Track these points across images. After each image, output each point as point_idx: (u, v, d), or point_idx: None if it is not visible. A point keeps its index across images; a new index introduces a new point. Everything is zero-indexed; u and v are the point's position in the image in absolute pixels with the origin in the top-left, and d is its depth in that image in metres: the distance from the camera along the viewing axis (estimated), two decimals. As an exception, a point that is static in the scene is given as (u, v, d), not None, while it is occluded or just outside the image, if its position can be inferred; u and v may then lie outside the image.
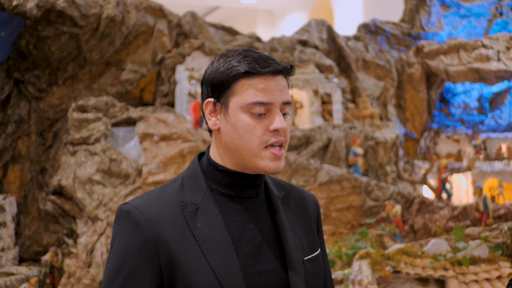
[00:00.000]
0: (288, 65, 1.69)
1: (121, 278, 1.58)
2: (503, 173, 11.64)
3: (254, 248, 1.66)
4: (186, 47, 10.86)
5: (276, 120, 1.65)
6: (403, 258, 6.45)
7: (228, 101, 1.66)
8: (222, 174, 1.70)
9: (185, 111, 10.08)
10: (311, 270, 1.75)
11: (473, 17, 13.85)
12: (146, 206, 1.63)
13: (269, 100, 1.64)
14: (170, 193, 1.68)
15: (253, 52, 1.69)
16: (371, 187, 9.53)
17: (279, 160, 1.67)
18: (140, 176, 8.65)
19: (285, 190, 1.84)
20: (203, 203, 1.65)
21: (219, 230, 1.62)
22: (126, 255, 1.59)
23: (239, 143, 1.66)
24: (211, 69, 1.70)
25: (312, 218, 1.86)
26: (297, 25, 15.18)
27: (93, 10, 9.97)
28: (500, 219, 8.48)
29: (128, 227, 1.61)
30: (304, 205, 1.86)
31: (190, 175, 1.72)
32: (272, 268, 1.66)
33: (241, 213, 1.69)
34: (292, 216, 1.79)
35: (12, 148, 10.08)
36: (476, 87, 13.32)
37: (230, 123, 1.66)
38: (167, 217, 1.62)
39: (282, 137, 1.67)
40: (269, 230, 1.71)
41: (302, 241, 1.77)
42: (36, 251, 9.51)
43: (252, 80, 1.64)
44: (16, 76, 10.07)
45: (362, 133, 10.53)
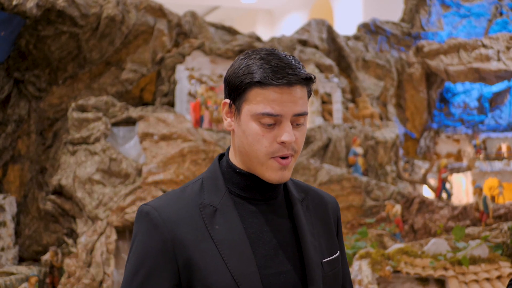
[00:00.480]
0: (307, 75, 1.65)
1: (139, 278, 1.61)
2: (503, 173, 11.64)
3: (271, 250, 1.66)
4: (186, 46, 10.86)
5: (284, 132, 1.63)
6: (403, 258, 6.45)
7: (241, 106, 1.66)
8: (239, 177, 1.71)
9: (185, 111, 10.08)
10: (329, 272, 1.75)
11: (473, 17, 13.85)
12: (165, 208, 1.65)
13: (279, 112, 1.62)
14: (190, 194, 1.69)
15: (275, 57, 1.65)
16: (371, 187, 9.52)
17: (285, 170, 1.66)
18: (140, 175, 8.65)
19: (305, 192, 1.84)
20: (222, 204, 1.66)
21: (237, 232, 1.63)
22: (144, 255, 1.62)
23: (248, 149, 1.66)
24: (232, 69, 1.70)
25: (332, 220, 1.86)
26: (297, 24, 15.18)
27: (93, 9, 9.97)
28: (500, 218, 8.47)
29: (147, 228, 1.63)
30: (324, 207, 1.86)
31: (210, 176, 1.73)
32: (289, 269, 1.67)
33: (259, 215, 1.69)
34: (311, 218, 1.79)
35: (12, 148, 10.07)
36: (476, 87, 13.31)
37: (241, 128, 1.66)
38: (186, 219, 1.63)
39: (290, 150, 1.65)
40: (287, 231, 1.71)
41: (321, 244, 1.76)
42: (36, 250, 9.51)
43: (265, 90, 1.62)
44: (16, 76, 10.07)
45: (362, 132, 10.53)
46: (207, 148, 8.89)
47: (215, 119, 9.98)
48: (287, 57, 1.66)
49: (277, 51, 1.69)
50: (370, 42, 13.21)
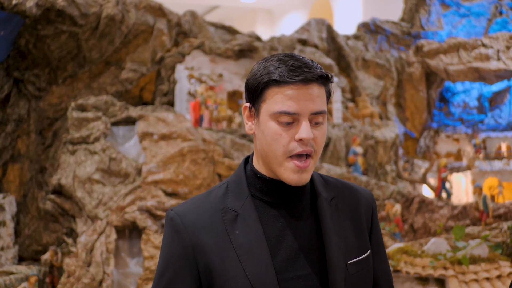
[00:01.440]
0: (323, 73, 1.65)
1: (164, 281, 1.68)
2: (503, 172, 11.64)
3: (293, 253, 1.66)
4: (186, 46, 10.85)
5: (302, 129, 1.62)
6: (403, 257, 6.45)
7: (259, 107, 1.67)
8: (261, 182, 1.72)
9: (185, 110, 10.07)
10: (355, 274, 1.73)
11: (473, 16, 13.84)
12: (187, 213, 1.70)
13: (296, 110, 1.62)
14: (214, 198, 1.73)
15: (292, 58, 1.66)
16: (371, 186, 9.52)
17: (303, 172, 1.65)
18: (140, 175, 8.64)
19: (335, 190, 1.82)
20: (243, 209, 1.68)
21: (256, 236, 1.64)
22: (168, 260, 1.69)
23: (267, 150, 1.66)
24: (251, 73, 1.71)
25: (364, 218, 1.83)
26: (297, 24, 15.17)
27: (92, 9, 9.97)
28: (500, 218, 8.47)
29: (171, 233, 1.70)
30: (356, 205, 1.83)
31: (234, 180, 1.75)
32: (309, 273, 1.66)
33: (281, 218, 1.69)
34: (340, 218, 1.77)
35: (11, 147, 10.07)
36: (476, 86, 13.31)
37: (260, 129, 1.67)
38: (207, 224, 1.67)
39: (309, 146, 1.64)
40: (311, 234, 1.71)
41: (348, 244, 1.74)
42: (36, 250, 9.51)
43: (281, 89, 1.63)
44: (15, 75, 10.06)
45: (362, 132, 10.53)
46: (207, 147, 8.89)
47: (214, 118, 9.98)
48: (304, 59, 1.67)
49: (296, 54, 1.69)
50: (370, 42, 13.20)
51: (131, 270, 8.23)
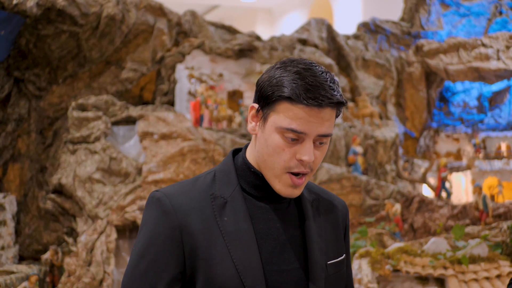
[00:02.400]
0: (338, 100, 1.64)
1: (145, 262, 1.62)
2: (503, 172, 11.65)
3: (278, 247, 1.68)
4: (186, 46, 10.86)
5: (305, 151, 1.64)
6: (403, 257, 6.46)
7: (268, 115, 1.67)
8: (253, 176, 1.72)
9: (185, 110, 10.08)
10: (333, 274, 1.77)
11: (472, 16, 13.85)
12: (176, 195, 1.67)
13: (304, 130, 1.62)
14: (202, 184, 1.72)
15: (311, 73, 1.63)
16: (371, 186, 9.53)
17: (296, 188, 1.68)
18: (140, 174, 8.65)
19: (316, 194, 1.86)
20: (232, 197, 1.68)
21: (245, 225, 1.65)
22: (152, 240, 1.63)
23: (266, 159, 1.67)
24: (266, 76, 1.69)
25: (340, 224, 1.88)
26: (297, 24, 15.17)
27: (93, 9, 9.97)
28: (500, 218, 8.48)
29: (157, 213, 1.65)
30: (333, 210, 1.87)
31: (223, 169, 1.75)
32: (293, 268, 1.69)
33: (268, 211, 1.71)
34: (321, 220, 1.81)
35: (12, 147, 10.08)
36: (476, 86, 13.32)
37: (264, 137, 1.68)
38: (196, 208, 1.66)
39: (307, 168, 1.66)
40: (295, 231, 1.73)
41: (328, 246, 1.78)
42: (36, 249, 9.52)
43: (294, 107, 1.62)
44: (16, 75, 10.07)
45: (362, 132, 10.54)
46: (207, 147, 8.89)
47: (215, 118, 9.98)
48: (323, 75, 1.65)
49: (315, 67, 1.67)
50: (369, 41, 13.21)
51: (132, 270, 8.23)
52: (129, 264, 1.67)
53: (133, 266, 1.64)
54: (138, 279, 1.62)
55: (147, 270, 1.62)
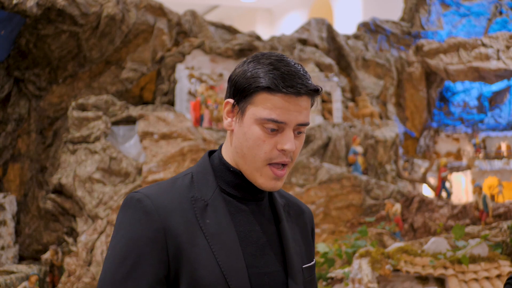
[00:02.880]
0: (315, 87, 1.66)
1: (127, 266, 1.55)
2: (503, 171, 11.65)
3: (258, 250, 1.67)
4: (186, 45, 10.86)
5: (286, 140, 1.64)
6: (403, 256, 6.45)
7: (245, 108, 1.66)
8: (232, 175, 1.71)
9: (185, 110, 10.08)
10: (308, 278, 1.77)
11: (472, 16, 13.85)
12: (157, 196, 1.62)
13: (284, 119, 1.63)
14: (181, 186, 1.68)
15: (284, 64, 1.65)
16: (371, 186, 9.53)
17: (278, 180, 1.67)
18: (140, 174, 8.65)
19: (285, 199, 1.86)
20: (213, 200, 1.66)
21: (227, 228, 1.63)
22: (134, 243, 1.56)
23: (246, 152, 1.66)
24: (239, 70, 1.69)
25: (309, 229, 1.89)
26: (297, 23, 15.18)
27: (93, 8, 9.97)
28: (500, 217, 8.48)
29: (138, 215, 1.59)
30: (301, 215, 1.88)
31: (200, 171, 1.72)
32: (273, 271, 1.68)
33: (248, 214, 1.70)
34: (292, 224, 1.81)
35: (12, 147, 10.08)
36: (476, 86, 13.32)
37: (242, 130, 1.66)
38: (178, 209, 1.62)
39: (288, 158, 1.66)
40: (272, 233, 1.73)
41: (301, 249, 1.79)
42: (36, 249, 9.51)
43: (272, 96, 1.62)
44: (16, 75, 10.07)
45: (362, 131, 10.54)
46: (207, 147, 8.89)
47: (215, 118, 9.98)
48: (296, 65, 1.67)
49: (287, 58, 1.69)
50: (370, 41, 13.21)
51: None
52: (108, 269, 1.57)
53: (113, 271, 1.56)
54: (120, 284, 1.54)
55: (129, 274, 1.54)
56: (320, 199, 9.21)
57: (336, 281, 6.84)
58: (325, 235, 9.13)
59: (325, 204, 9.26)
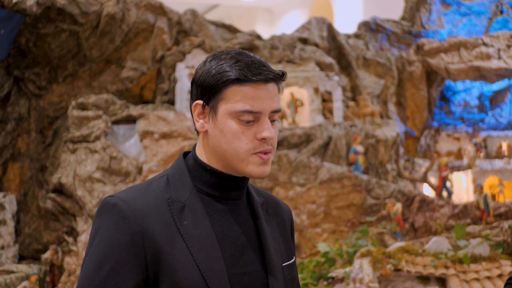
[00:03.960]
0: (280, 72, 1.67)
1: (104, 272, 1.54)
2: (504, 171, 11.63)
3: (237, 250, 1.66)
4: (186, 45, 10.84)
5: (264, 129, 1.63)
6: (404, 256, 6.44)
7: (217, 105, 1.65)
8: (209, 174, 1.69)
9: (185, 109, 10.07)
10: (288, 276, 1.76)
11: (473, 15, 13.83)
12: (133, 200, 1.60)
13: (259, 109, 1.63)
14: (157, 189, 1.66)
15: (245, 56, 1.66)
16: (372, 185, 9.52)
17: (266, 165, 1.66)
18: (141, 174, 8.64)
19: (263, 196, 1.85)
20: (190, 201, 1.64)
21: (205, 229, 1.62)
22: (111, 248, 1.55)
23: (226, 148, 1.64)
24: (202, 70, 1.68)
25: (288, 226, 1.88)
26: (297, 23, 15.16)
27: (93, 7, 9.95)
28: (501, 217, 8.47)
29: (114, 220, 1.57)
30: (280, 213, 1.87)
31: (175, 173, 1.70)
32: (253, 270, 1.67)
33: (225, 214, 1.68)
34: (271, 222, 1.80)
35: (12, 146, 10.06)
36: (477, 85, 13.31)
37: (218, 128, 1.65)
38: (154, 212, 1.60)
39: (269, 145, 1.66)
40: (251, 233, 1.71)
41: (281, 248, 1.78)
42: (36, 249, 9.50)
43: (243, 87, 1.62)
44: (16, 74, 10.05)
45: (363, 131, 10.52)
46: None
47: (215, 117, 9.96)
48: (255, 56, 1.68)
49: (246, 51, 1.70)
50: (370, 40, 13.19)
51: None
52: (85, 276, 1.56)
53: (90, 277, 1.55)
54: None
55: (107, 280, 1.53)
56: (321, 198, 9.20)
57: (337, 280, 6.83)
58: (326, 234, 9.12)
59: (326, 203, 9.24)
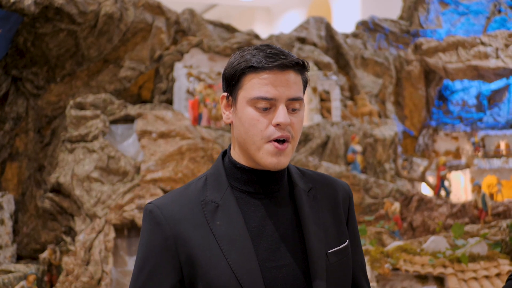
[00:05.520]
0: (299, 60, 1.68)
1: (145, 274, 1.66)
2: (502, 170, 11.64)
3: (274, 243, 1.67)
4: (185, 44, 10.83)
5: (279, 114, 1.63)
6: (402, 255, 6.44)
7: (237, 94, 1.68)
8: (240, 172, 1.72)
9: (184, 108, 10.06)
10: (335, 262, 1.74)
11: (471, 14, 13.84)
12: (167, 205, 1.70)
13: (273, 95, 1.63)
14: (193, 191, 1.73)
15: (269, 47, 1.68)
16: (370, 185, 9.51)
17: (281, 155, 1.65)
18: (139, 173, 8.63)
19: (313, 182, 1.82)
20: (223, 200, 1.68)
21: (238, 227, 1.65)
22: (148, 252, 1.67)
23: (245, 137, 1.67)
24: (228, 64, 1.72)
25: (342, 208, 1.84)
26: (295, 22, 15.16)
27: (91, 7, 9.94)
28: (499, 216, 8.48)
29: (151, 226, 1.68)
30: (334, 195, 1.84)
31: (213, 173, 1.76)
32: (291, 262, 1.68)
33: (261, 208, 1.70)
34: (318, 208, 1.78)
35: (9, 146, 10.05)
36: (475, 85, 13.32)
37: (238, 117, 1.68)
38: (187, 216, 1.67)
39: (286, 132, 1.65)
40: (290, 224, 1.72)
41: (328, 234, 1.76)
42: (34, 248, 9.49)
43: (258, 75, 1.64)
44: (13, 73, 10.04)
45: (361, 130, 10.52)
46: (206, 145, 8.87)
47: (213, 116, 9.96)
48: (280, 48, 1.70)
49: (272, 45, 1.71)
50: (368, 40, 13.19)
51: (130, 269, 8.22)
52: (132, 277, 1.71)
53: (134, 280, 1.69)
54: None
55: (147, 282, 1.66)
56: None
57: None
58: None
59: (324, 203, 9.23)
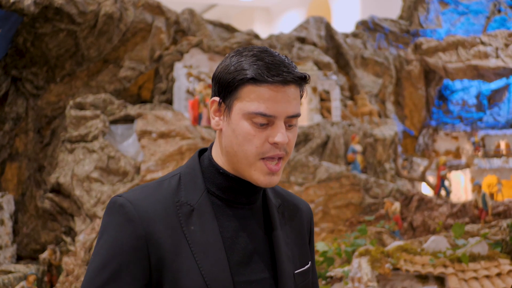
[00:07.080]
0: (302, 75, 1.57)
1: (107, 273, 1.50)
2: (502, 170, 11.63)
3: (245, 257, 1.60)
4: (184, 44, 10.83)
5: (277, 132, 1.55)
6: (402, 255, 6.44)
7: (232, 104, 1.57)
8: (222, 177, 1.62)
9: (183, 108, 10.05)
10: (300, 284, 1.69)
11: (471, 14, 13.84)
12: (140, 201, 1.55)
13: (273, 113, 1.54)
14: (167, 189, 1.60)
15: (268, 54, 1.57)
16: (370, 184, 9.51)
17: (273, 175, 1.58)
18: (139, 173, 8.62)
19: (281, 198, 1.76)
20: (199, 204, 1.58)
21: (212, 235, 1.55)
22: (115, 250, 1.51)
23: (237, 150, 1.57)
24: (222, 66, 1.60)
25: (305, 229, 1.78)
26: (294, 22, 15.16)
27: (91, 7, 9.94)
28: (499, 216, 8.47)
29: (120, 221, 1.53)
30: (298, 215, 1.78)
31: (188, 172, 1.64)
32: (261, 278, 1.60)
33: (236, 219, 1.62)
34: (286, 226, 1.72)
35: (9, 146, 10.04)
36: (475, 84, 13.31)
37: (231, 127, 1.58)
38: (161, 216, 1.55)
39: (282, 151, 1.57)
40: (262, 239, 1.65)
41: (294, 254, 1.70)
42: (34, 249, 9.48)
43: (259, 88, 1.54)
44: (13, 74, 10.03)
45: (361, 130, 10.52)
46: (206, 145, 8.87)
47: (213, 116, 9.95)
48: (280, 55, 1.59)
49: (270, 49, 1.61)
50: (368, 40, 13.19)
51: (130, 269, 8.21)
52: (88, 276, 1.52)
53: (93, 277, 1.51)
54: None
55: (109, 282, 1.49)
56: (319, 197, 9.19)
57: (335, 280, 6.82)
58: (324, 234, 9.11)
59: (324, 202, 9.23)
